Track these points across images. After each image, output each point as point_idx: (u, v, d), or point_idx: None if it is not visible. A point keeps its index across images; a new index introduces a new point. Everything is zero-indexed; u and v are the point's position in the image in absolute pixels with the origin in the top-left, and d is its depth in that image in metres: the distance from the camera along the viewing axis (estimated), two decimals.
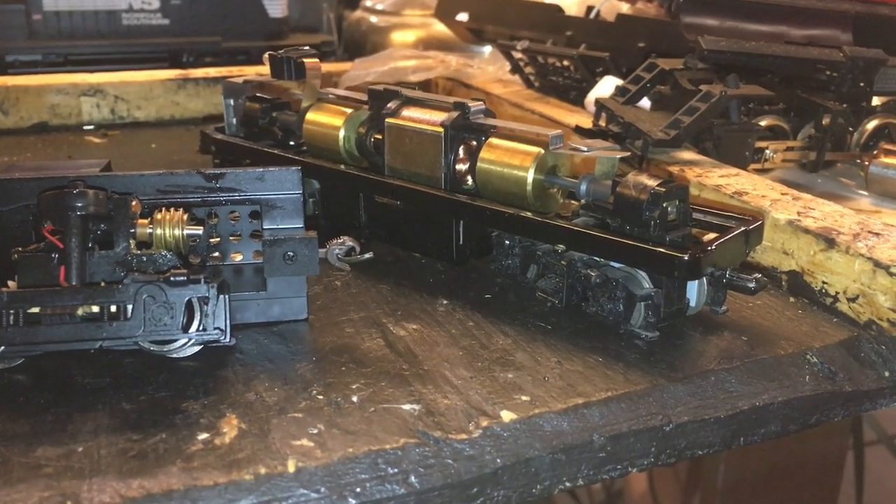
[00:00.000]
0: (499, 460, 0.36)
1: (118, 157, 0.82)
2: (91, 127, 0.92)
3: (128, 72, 0.96)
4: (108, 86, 0.92)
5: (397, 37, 1.24)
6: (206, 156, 0.71)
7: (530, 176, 0.49)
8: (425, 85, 0.99)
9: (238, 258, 0.48)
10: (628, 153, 0.49)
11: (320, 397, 0.39)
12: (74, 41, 1.09)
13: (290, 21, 1.22)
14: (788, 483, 1.04)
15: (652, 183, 0.44)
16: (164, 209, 0.43)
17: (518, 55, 0.92)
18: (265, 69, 0.63)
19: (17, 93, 0.89)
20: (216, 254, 0.47)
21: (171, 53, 1.13)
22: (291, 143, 0.64)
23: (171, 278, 0.38)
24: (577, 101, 0.87)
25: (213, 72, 0.97)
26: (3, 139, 0.87)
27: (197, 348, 0.42)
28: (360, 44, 1.27)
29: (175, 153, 0.83)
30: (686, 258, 0.42)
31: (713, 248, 0.43)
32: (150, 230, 0.42)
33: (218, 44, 1.14)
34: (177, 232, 0.42)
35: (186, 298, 0.39)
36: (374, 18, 1.29)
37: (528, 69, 0.94)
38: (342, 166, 0.58)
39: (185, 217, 0.42)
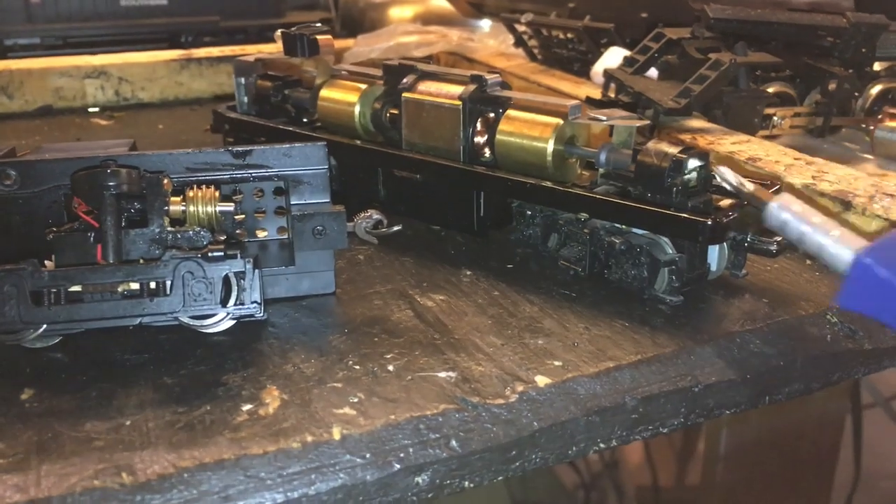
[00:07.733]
0: (536, 423, 0.37)
1: (128, 139, 0.82)
2: (96, 109, 0.92)
3: (131, 53, 0.96)
4: (111, 68, 0.92)
5: (395, 12, 1.24)
6: (215, 135, 0.71)
7: (550, 146, 0.49)
8: (427, 60, 0.99)
9: (263, 234, 0.49)
10: (647, 122, 0.50)
11: (357, 367, 0.40)
12: (73, 23, 1.09)
13: None
14: (788, 447, 1.05)
15: (673, 150, 0.45)
16: (195, 187, 0.43)
17: (522, 28, 0.93)
18: (267, 47, 0.63)
19: (21, 76, 0.89)
20: (239, 230, 0.48)
21: (169, 34, 1.13)
22: (305, 119, 0.64)
23: (209, 253, 0.39)
24: (581, 72, 0.88)
25: (215, 51, 0.97)
26: (10, 123, 0.87)
27: (231, 323, 0.42)
28: (358, 20, 1.27)
29: (182, 133, 0.83)
30: (709, 223, 0.43)
31: (735, 212, 0.44)
32: (183, 207, 0.42)
33: (216, 23, 1.13)
34: (209, 209, 0.42)
35: (224, 273, 0.39)
36: None
37: (532, 42, 0.94)
38: (358, 142, 0.58)
39: (217, 194, 0.43)
